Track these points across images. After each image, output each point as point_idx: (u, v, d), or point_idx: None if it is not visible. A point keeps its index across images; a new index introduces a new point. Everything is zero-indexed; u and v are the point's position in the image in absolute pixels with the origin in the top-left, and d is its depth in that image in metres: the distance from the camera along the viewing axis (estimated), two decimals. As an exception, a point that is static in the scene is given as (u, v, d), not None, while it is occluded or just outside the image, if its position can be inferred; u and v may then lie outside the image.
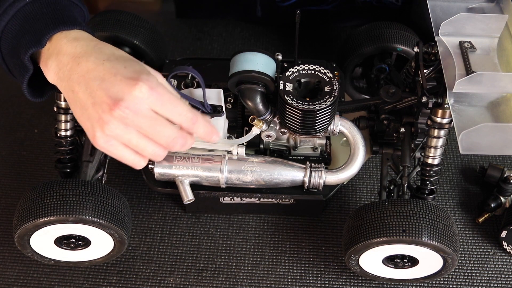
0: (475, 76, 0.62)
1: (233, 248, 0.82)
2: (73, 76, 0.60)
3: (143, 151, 0.62)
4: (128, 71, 0.60)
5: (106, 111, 0.59)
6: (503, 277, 0.79)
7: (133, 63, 0.62)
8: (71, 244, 0.75)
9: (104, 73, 0.59)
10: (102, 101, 0.59)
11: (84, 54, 0.61)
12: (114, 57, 0.61)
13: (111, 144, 0.61)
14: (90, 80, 0.60)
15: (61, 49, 0.61)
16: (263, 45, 1.07)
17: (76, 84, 0.60)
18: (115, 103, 0.58)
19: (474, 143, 0.61)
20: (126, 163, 0.64)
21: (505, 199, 0.83)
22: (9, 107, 0.98)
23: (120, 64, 0.60)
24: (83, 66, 0.60)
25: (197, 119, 0.63)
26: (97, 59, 0.61)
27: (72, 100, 0.62)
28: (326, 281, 0.79)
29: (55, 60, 0.61)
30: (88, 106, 0.60)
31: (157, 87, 0.60)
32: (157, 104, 0.60)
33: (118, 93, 0.58)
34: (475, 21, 0.69)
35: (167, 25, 1.10)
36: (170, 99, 0.61)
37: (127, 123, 0.59)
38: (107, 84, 0.59)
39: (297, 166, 0.74)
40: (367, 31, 0.87)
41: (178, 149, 0.64)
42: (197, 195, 0.74)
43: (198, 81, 0.75)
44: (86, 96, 0.60)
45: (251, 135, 0.72)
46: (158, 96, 0.59)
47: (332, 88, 0.69)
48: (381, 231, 0.67)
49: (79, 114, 0.62)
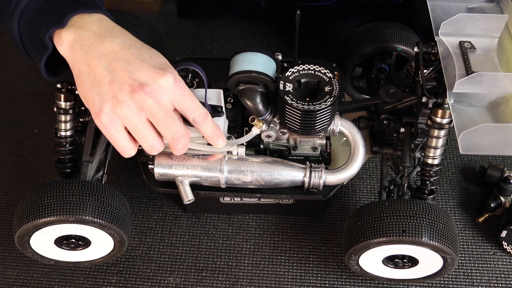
0: (475, 76, 0.62)
1: (233, 248, 0.82)
2: (93, 51, 0.62)
3: (142, 140, 0.64)
4: (154, 61, 0.63)
5: (126, 92, 0.61)
6: (503, 277, 0.79)
7: (159, 54, 0.65)
8: (71, 244, 0.75)
9: (131, 57, 0.62)
10: (124, 81, 0.61)
11: (109, 35, 0.63)
12: (140, 45, 0.64)
13: (113, 124, 0.62)
14: (113, 60, 0.62)
15: (85, 25, 0.63)
16: (263, 45, 1.07)
17: (96, 59, 0.62)
18: (140, 86, 0.61)
19: (474, 143, 0.61)
20: (117, 148, 0.65)
21: (505, 199, 0.83)
22: (9, 107, 0.98)
23: (147, 53, 0.63)
24: (107, 46, 0.62)
25: (208, 116, 0.66)
26: (123, 42, 0.63)
27: (84, 74, 0.63)
28: (326, 281, 0.79)
29: (74, 32, 0.63)
30: (104, 82, 0.61)
31: (180, 81, 0.63)
32: (178, 97, 0.63)
33: (143, 78, 0.61)
34: (475, 21, 0.69)
35: (167, 25, 1.10)
36: (189, 94, 0.64)
37: (143, 108, 0.61)
38: (132, 68, 0.61)
39: (297, 166, 0.74)
40: (367, 31, 0.87)
41: (179, 148, 0.65)
42: (197, 195, 0.74)
43: (198, 81, 0.76)
44: (105, 72, 0.61)
45: (251, 135, 0.72)
46: (181, 90, 0.63)
47: (332, 88, 0.69)
48: (381, 231, 0.67)
49: (88, 88, 0.63)
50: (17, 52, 0.69)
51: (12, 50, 1.05)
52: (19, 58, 1.03)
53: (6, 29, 0.67)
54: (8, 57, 1.05)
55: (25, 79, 1.01)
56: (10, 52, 1.05)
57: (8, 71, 1.03)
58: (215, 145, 0.69)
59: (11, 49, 1.05)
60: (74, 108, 0.75)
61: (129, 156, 0.66)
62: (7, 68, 1.04)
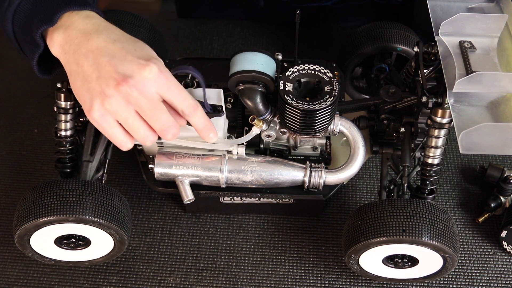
0: (475, 76, 0.62)
1: (233, 248, 0.82)
2: (81, 49, 0.62)
3: (135, 132, 0.64)
4: (138, 53, 0.62)
5: (112, 86, 0.61)
6: (503, 277, 0.79)
7: (143, 46, 0.64)
8: (71, 244, 0.75)
9: (115, 51, 0.62)
10: (109, 76, 0.61)
11: (95, 32, 0.63)
12: (124, 38, 0.64)
13: (106, 120, 0.63)
14: (99, 55, 0.62)
15: (72, 24, 0.64)
16: (263, 45, 1.07)
17: (83, 57, 0.62)
18: (124, 79, 0.60)
19: (474, 143, 0.61)
20: (114, 142, 0.65)
21: (505, 199, 0.83)
22: (9, 107, 0.98)
23: (131, 46, 0.63)
24: (93, 42, 0.62)
25: (198, 107, 0.65)
26: (108, 37, 0.63)
27: (74, 73, 0.63)
28: (326, 281, 0.79)
29: (63, 33, 0.63)
30: (92, 79, 0.62)
31: (165, 71, 0.63)
32: (164, 88, 0.62)
33: (127, 71, 0.61)
34: (475, 21, 0.69)
35: (167, 25, 1.10)
36: (176, 84, 0.63)
37: (130, 101, 0.61)
38: (116, 61, 0.61)
39: (297, 166, 0.74)
40: (367, 31, 0.87)
41: (169, 138, 0.64)
42: (197, 195, 0.74)
43: (198, 81, 0.75)
44: (92, 69, 0.62)
45: (251, 135, 0.72)
46: (166, 80, 0.62)
47: (332, 88, 0.69)
48: (381, 231, 0.67)
49: (79, 86, 0.63)
50: (17, 52, 0.70)
51: (12, 50, 1.04)
52: (19, 58, 1.03)
53: (2, 28, 0.67)
54: (8, 57, 1.05)
55: (25, 79, 1.01)
56: (10, 52, 1.05)
57: (8, 71, 1.03)
58: (206, 139, 0.68)
59: (11, 49, 1.04)
60: (74, 108, 0.75)
61: (127, 149, 0.66)
62: (7, 68, 1.04)
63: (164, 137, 0.64)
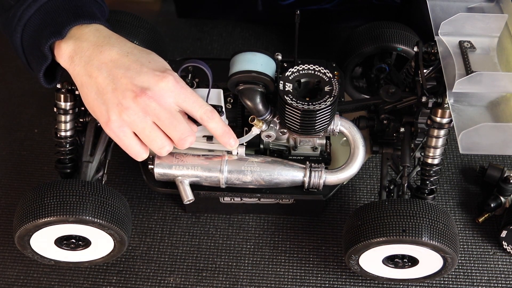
0: (475, 76, 0.62)
1: (233, 248, 0.82)
2: (93, 62, 0.63)
3: (151, 143, 0.64)
4: (153, 65, 0.64)
5: (129, 98, 0.61)
6: (503, 277, 0.79)
7: (157, 57, 0.66)
8: (71, 244, 0.75)
9: (129, 63, 0.63)
10: (126, 88, 0.62)
11: (106, 44, 0.64)
12: (137, 51, 0.65)
13: (123, 131, 0.63)
14: (113, 68, 0.62)
15: (82, 36, 0.64)
16: (263, 45, 1.07)
17: (96, 69, 0.63)
18: (142, 91, 0.61)
19: (474, 143, 0.61)
20: (129, 153, 0.66)
21: (505, 199, 0.83)
22: (9, 107, 0.98)
23: (144, 58, 0.64)
24: (106, 55, 0.63)
25: (215, 112, 0.66)
26: (121, 50, 0.64)
27: (87, 85, 0.64)
28: (326, 281, 0.79)
29: (73, 44, 0.64)
30: (107, 91, 0.62)
31: (180, 81, 0.64)
32: (181, 97, 0.64)
33: (144, 83, 0.62)
34: (475, 20, 0.69)
35: (167, 25, 1.10)
36: (192, 92, 0.65)
37: (148, 112, 0.62)
38: (132, 73, 0.62)
39: (297, 166, 0.74)
40: (367, 31, 0.86)
41: (186, 147, 0.65)
42: (197, 195, 0.74)
43: (198, 81, 0.75)
44: (107, 81, 0.62)
45: (251, 135, 0.72)
46: (182, 89, 0.64)
47: (332, 88, 0.69)
48: (381, 231, 0.67)
49: (93, 98, 0.64)
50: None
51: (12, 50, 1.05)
52: (19, 58, 1.03)
53: (11, 43, 0.68)
54: (8, 57, 1.05)
55: (25, 79, 1.01)
56: (10, 52, 1.05)
57: (8, 71, 1.03)
58: (226, 145, 0.69)
59: (11, 49, 1.05)
60: (74, 108, 0.75)
61: (142, 159, 0.67)
62: (7, 68, 1.04)
63: (182, 146, 0.65)
